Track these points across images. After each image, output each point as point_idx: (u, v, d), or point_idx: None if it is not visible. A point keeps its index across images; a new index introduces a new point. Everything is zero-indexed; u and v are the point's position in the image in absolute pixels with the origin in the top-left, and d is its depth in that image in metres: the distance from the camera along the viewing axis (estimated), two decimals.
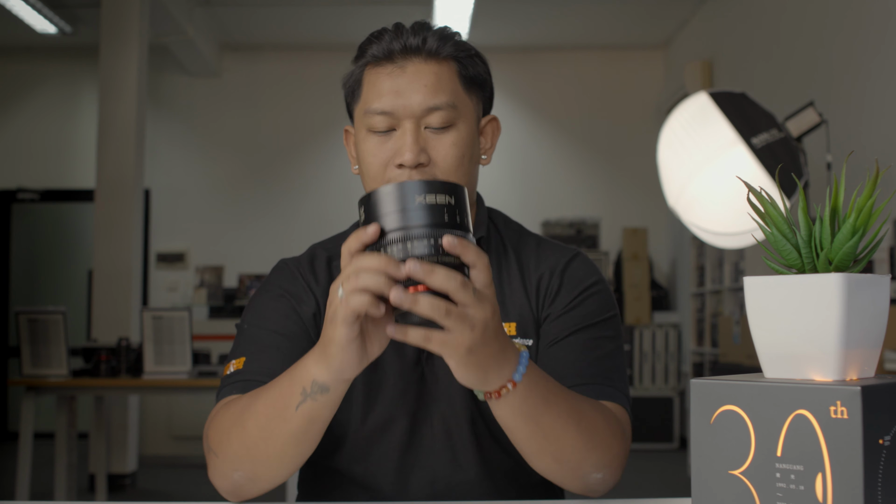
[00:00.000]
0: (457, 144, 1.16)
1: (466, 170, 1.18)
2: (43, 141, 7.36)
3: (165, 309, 4.42)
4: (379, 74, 1.17)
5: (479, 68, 1.22)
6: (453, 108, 1.16)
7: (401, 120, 1.15)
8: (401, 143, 1.15)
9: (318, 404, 0.96)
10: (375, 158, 1.16)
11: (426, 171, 1.15)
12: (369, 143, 1.17)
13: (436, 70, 1.16)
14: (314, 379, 0.94)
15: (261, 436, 1.01)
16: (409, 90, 1.15)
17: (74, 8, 6.27)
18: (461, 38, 1.22)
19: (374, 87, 1.17)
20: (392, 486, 1.19)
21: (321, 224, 6.67)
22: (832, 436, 0.73)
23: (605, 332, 1.20)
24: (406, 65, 1.16)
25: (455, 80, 1.18)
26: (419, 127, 1.15)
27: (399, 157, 1.14)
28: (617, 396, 1.15)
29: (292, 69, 7.38)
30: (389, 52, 1.17)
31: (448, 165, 1.16)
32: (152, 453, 6.07)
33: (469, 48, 1.21)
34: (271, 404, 1.00)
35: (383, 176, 1.16)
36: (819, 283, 0.78)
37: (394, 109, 1.15)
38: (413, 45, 1.17)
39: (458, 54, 1.19)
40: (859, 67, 4.02)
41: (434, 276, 0.81)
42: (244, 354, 1.17)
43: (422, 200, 0.83)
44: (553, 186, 7.34)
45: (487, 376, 0.91)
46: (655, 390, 6.51)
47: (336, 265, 1.25)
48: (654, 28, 7.00)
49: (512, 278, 1.24)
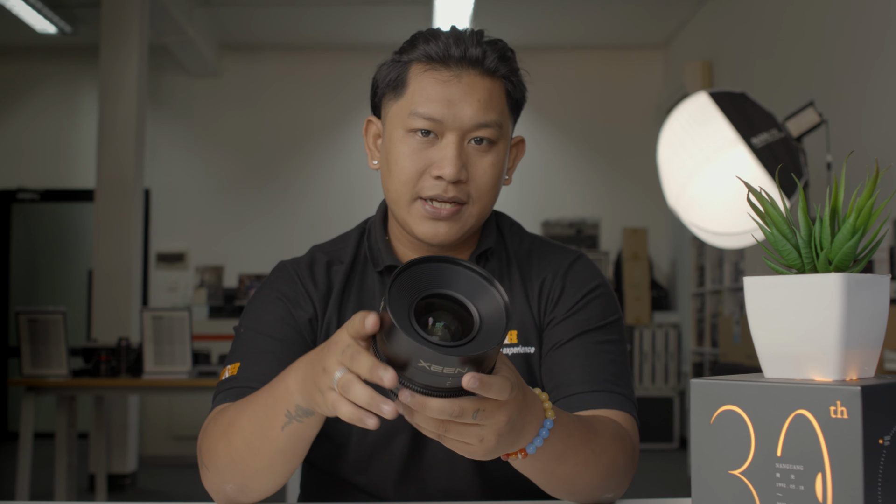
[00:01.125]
0: (495, 165, 1.15)
1: (496, 191, 1.17)
2: (43, 141, 7.35)
3: (165, 309, 4.42)
4: (431, 77, 1.13)
5: (523, 90, 1.21)
6: (499, 128, 1.14)
7: (447, 130, 1.12)
8: (443, 155, 1.12)
9: (304, 425, 0.96)
10: (412, 164, 1.13)
11: (461, 188, 1.13)
12: (406, 145, 1.13)
13: (489, 86, 1.14)
14: (297, 404, 0.93)
15: (247, 451, 1.00)
16: (462, 102, 1.12)
17: (74, 8, 6.27)
18: (514, 57, 1.19)
19: (425, 90, 1.12)
20: (394, 497, 1.19)
21: (321, 224, 6.68)
22: (832, 436, 0.73)
23: (609, 336, 1.19)
24: (462, 75, 1.12)
25: (503, 100, 1.16)
26: (464, 141, 1.13)
27: (438, 168, 1.12)
28: (624, 404, 1.14)
29: (292, 69, 7.38)
30: (446, 57, 1.12)
31: (484, 184, 1.14)
32: (152, 453, 6.07)
33: (518, 69, 1.19)
34: (256, 422, 0.98)
35: (416, 183, 1.13)
36: (819, 283, 0.78)
37: (443, 118, 1.11)
38: (473, 56, 1.13)
39: (511, 75, 1.17)
40: (859, 67, 4.01)
41: (428, 409, 0.78)
42: (239, 359, 1.16)
43: (451, 372, 0.75)
44: (553, 186, 7.34)
45: (491, 455, 0.87)
46: (655, 390, 6.51)
47: (336, 270, 1.24)
48: (654, 28, 7.00)
49: (513, 284, 1.23)
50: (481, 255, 1.23)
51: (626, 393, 1.15)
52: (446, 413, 0.78)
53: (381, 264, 1.22)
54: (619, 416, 1.12)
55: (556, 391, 1.15)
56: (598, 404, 1.12)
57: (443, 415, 0.78)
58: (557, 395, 1.15)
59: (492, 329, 0.77)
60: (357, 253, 1.26)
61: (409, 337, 0.73)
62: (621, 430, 1.09)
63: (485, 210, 1.17)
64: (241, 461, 1.01)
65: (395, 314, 0.74)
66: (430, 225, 1.14)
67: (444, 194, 1.12)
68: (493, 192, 1.16)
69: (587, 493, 1.04)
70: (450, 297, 0.79)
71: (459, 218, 1.15)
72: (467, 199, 1.14)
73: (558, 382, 1.15)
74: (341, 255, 1.25)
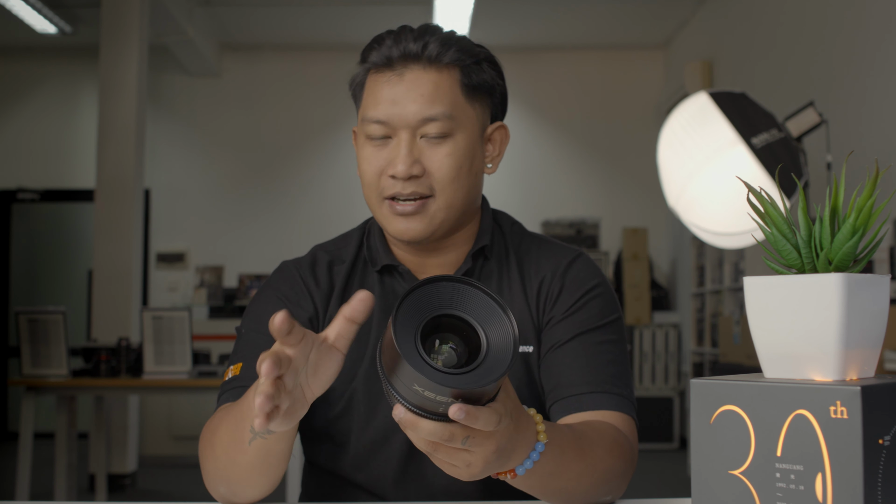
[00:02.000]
0: (452, 155, 1.14)
1: (464, 181, 1.16)
2: (43, 141, 7.35)
3: (165, 309, 4.42)
4: (378, 81, 1.15)
5: (486, 75, 1.19)
6: (450, 119, 1.14)
7: (396, 129, 1.14)
8: (394, 154, 1.13)
9: (269, 441, 0.96)
10: (371, 167, 1.15)
11: (420, 182, 1.13)
12: (366, 150, 1.16)
13: (435, 78, 1.14)
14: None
15: (227, 461, 1.02)
16: (405, 99, 1.13)
17: (74, 8, 6.27)
18: (469, 42, 1.18)
19: (373, 95, 1.15)
20: (393, 495, 1.19)
21: (321, 224, 6.68)
22: (832, 436, 0.73)
23: (609, 336, 1.18)
24: (405, 72, 1.14)
25: (455, 89, 1.15)
26: (414, 137, 1.14)
27: (392, 167, 1.13)
28: (623, 405, 1.13)
29: (292, 69, 7.38)
30: (388, 59, 1.14)
31: (443, 176, 1.14)
32: (152, 453, 6.07)
33: (476, 54, 1.18)
34: (230, 434, 0.99)
35: (378, 184, 1.15)
36: (819, 283, 0.78)
37: (389, 119, 1.13)
38: (412, 52, 1.14)
39: (463, 61, 1.16)
40: (859, 67, 4.01)
41: (419, 430, 0.77)
42: (241, 360, 1.17)
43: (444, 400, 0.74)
44: (553, 186, 7.34)
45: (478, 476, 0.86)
46: (655, 390, 6.52)
47: (337, 270, 1.24)
48: (654, 28, 7.00)
49: (512, 283, 1.22)
50: (478, 252, 1.23)
51: (625, 394, 1.15)
52: (436, 436, 0.77)
53: (379, 264, 1.22)
54: (617, 418, 1.12)
55: (555, 392, 1.15)
56: (596, 405, 1.12)
57: (433, 437, 0.77)
58: (556, 395, 1.15)
59: (497, 359, 0.76)
60: (358, 253, 1.26)
61: (409, 363, 0.72)
62: (618, 436, 1.08)
63: (455, 202, 1.16)
64: (224, 469, 1.03)
65: (399, 334, 0.73)
66: (399, 222, 1.16)
67: (403, 191, 1.14)
68: (459, 183, 1.15)
69: (584, 499, 1.04)
70: (460, 318, 0.77)
71: (426, 212, 1.15)
72: (430, 192, 1.15)
73: (557, 383, 1.15)
74: (343, 255, 1.26)
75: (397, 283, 1.23)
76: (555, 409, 1.14)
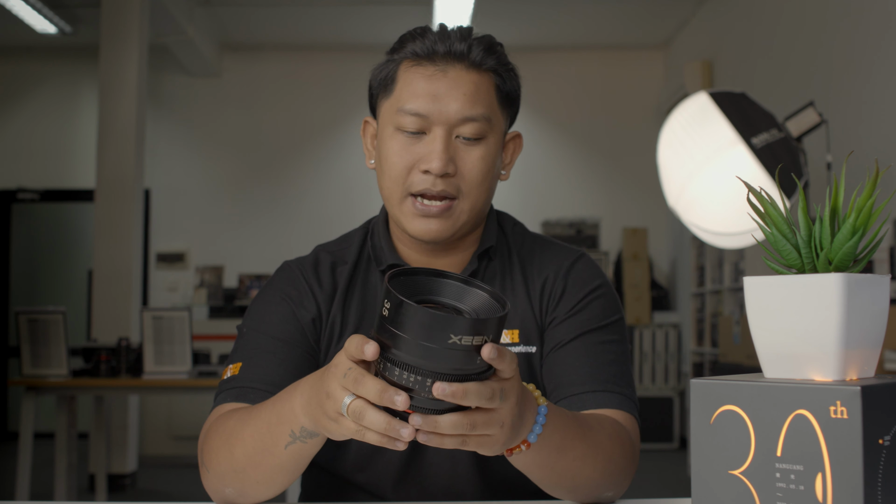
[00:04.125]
0: (485, 159, 1.15)
1: (489, 185, 1.17)
2: (43, 141, 7.35)
3: (165, 309, 4.42)
4: (418, 74, 1.14)
5: (515, 84, 1.20)
6: (487, 122, 1.14)
7: (433, 125, 1.13)
8: (430, 149, 1.13)
9: (308, 445, 0.96)
10: (401, 160, 1.14)
11: (450, 182, 1.13)
12: (395, 142, 1.15)
13: (476, 80, 1.14)
14: (303, 426, 0.93)
15: (248, 463, 1.01)
16: (447, 96, 1.12)
17: (74, 8, 6.27)
18: (503, 51, 1.19)
19: (411, 86, 1.14)
20: (393, 496, 1.19)
21: (321, 224, 6.69)
22: (832, 436, 0.73)
23: (611, 336, 1.19)
24: (448, 69, 1.13)
25: (492, 94, 1.16)
26: (451, 135, 1.13)
27: (426, 162, 1.12)
28: (625, 404, 1.14)
29: (292, 69, 7.38)
30: (432, 53, 1.14)
31: (473, 178, 1.14)
32: (152, 453, 6.07)
33: (509, 63, 1.19)
34: (258, 437, 0.99)
35: (405, 179, 1.14)
36: (819, 283, 0.78)
37: (429, 113, 1.12)
38: (458, 51, 1.14)
39: (499, 68, 1.17)
40: (859, 67, 4.01)
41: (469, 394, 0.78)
42: (241, 359, 1.17)
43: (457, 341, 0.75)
44: (553, 186, 7.34)
45: (509, 444, 0.89)
46: (655, 390, 6.51)
47: (340, 270, 1.24)
48: (654, 28, 7.00)
49: (515, 284, 1.23)
50: (483, 253, 1.23)
51: (626, 393, 1.15)
52: (484, 396, 0.78)
53: (384, 263, 1.23)
54: (619, 416, 1.12)
55: (558, 391, 1.15)
56: (598, 404, 1.13)
57: (481, 399, 0.78)
58: (559, 395, 1.15)
59: (491, 311, 0.80)
60: (361, 252, 1.26)
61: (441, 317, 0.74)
62: (619, 428, 1.09)
63: (477, 205, 1.17)
64: (242, 471, 1.02)
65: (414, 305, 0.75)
66: (421, 222, 1.15)
67: (433, 188, 1.13)
68: (484, 187, 1.16)
69: (587, 490, 1.04)
70: (439, 302, 0.81)
71: (451, 214, 1.15)
72: (457, 194, 1.15)
73: (559, 383, 1.15)
74: (345, 255, 1.26)
75: None
76: None
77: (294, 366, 1.16)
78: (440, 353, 0.75)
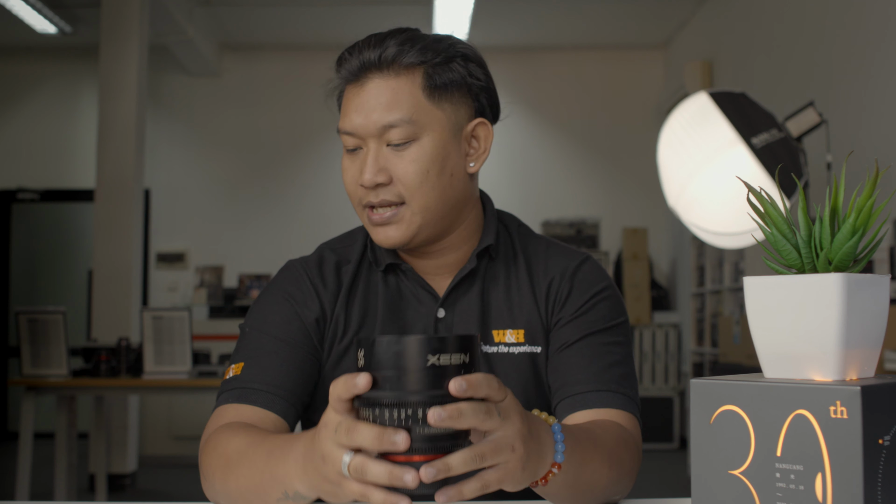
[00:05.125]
0: (418, 160, 1.13)
1: (435, 184, 1.14)
2: (43, 141, 7.35)
3: (165, 309, 4.42)
4: (349, 93, 1.17)
5: (456, 73, 1.16)
6: (411, 124, 1.12)
7: (364, 139, 1.15)
8: (362, 164, 1.15)
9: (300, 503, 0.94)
10: (349, 176, 1.17)
11: (389, 189, 1.14)
12: (344, 160, 1.19)
13: (393, 84, 1.13)
14: (297, 490, 0.90)
15: (242, 499, 1.00)
16: (367, 109, 1.14)
17: (74, 8, 6.27)
18: (438, 40, 1.17)
19: (344, 107, 1.18)
20: None
21: (321, 224, 6.68)
22: (832, 436, 0.73)
23: (615, 338, 1.20)
24: (366, 82, 1.15)
25: (416, 92, 1.13)
26: (381, 145, 1.14)
27: (361, 177, 1.14)
28: (628, 404, 1.14)
29: (292, 69, 7.38)
30: (351, 72, 1.16)
31: (410, 181, 1.13)
32: (152, 453, 6.07)
33: (444, 51, 1.16)
34: (253, 483, 0.97)
35: (356, 194, 1.17)
36: (819, 283, 0.78)
37: (355, 129, 1.15)
38: (369, 61, 1.14)
39: (427, 60, 1.14)
40: (859, 67, 4.01)
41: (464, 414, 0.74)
42: (243, 360, 1.17)
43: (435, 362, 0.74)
44: (553, 186, 7.34)
45: (535, 472, 0.86)
46: (655, 390, 6.51)
47: (345, 270, 1.24)
48: (654, 28, 7.00)
49: (521, 284, 1.23)
50: (482, 252, 1.23)
51: (630, 394, 1.16)
52: (478, 414, 0.74)
53: (383, 263, 1.23)
54: (622, 416, 1.13)
55: (561, 391, 1.16)
56: (601, 404, 1.13)
57: (476, 416, 0.74)
58: (562, 394, 1.16)
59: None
60: (363, 252, 1.27)
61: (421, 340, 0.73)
62: (623, 432, 1.09)
63: (430, 205, 1.15)
64: (235, 501, 1.01)
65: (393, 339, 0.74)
66: (379, 231, 1.17)
67: (374, 199, 1.15)
68: (428, 186, 1.14)
69: (603, 495, 1.04)
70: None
71: (401, 219, 1.15)
72: (401, 199, 1.15)
73: (564, 382, 1.16)
74: (349, 253, 1.27)
75: (401, 281, 1.24)
76: (560, 407, 1.15)
77: (296, 367, 1.16)
78: (423, 376, 0.74)
